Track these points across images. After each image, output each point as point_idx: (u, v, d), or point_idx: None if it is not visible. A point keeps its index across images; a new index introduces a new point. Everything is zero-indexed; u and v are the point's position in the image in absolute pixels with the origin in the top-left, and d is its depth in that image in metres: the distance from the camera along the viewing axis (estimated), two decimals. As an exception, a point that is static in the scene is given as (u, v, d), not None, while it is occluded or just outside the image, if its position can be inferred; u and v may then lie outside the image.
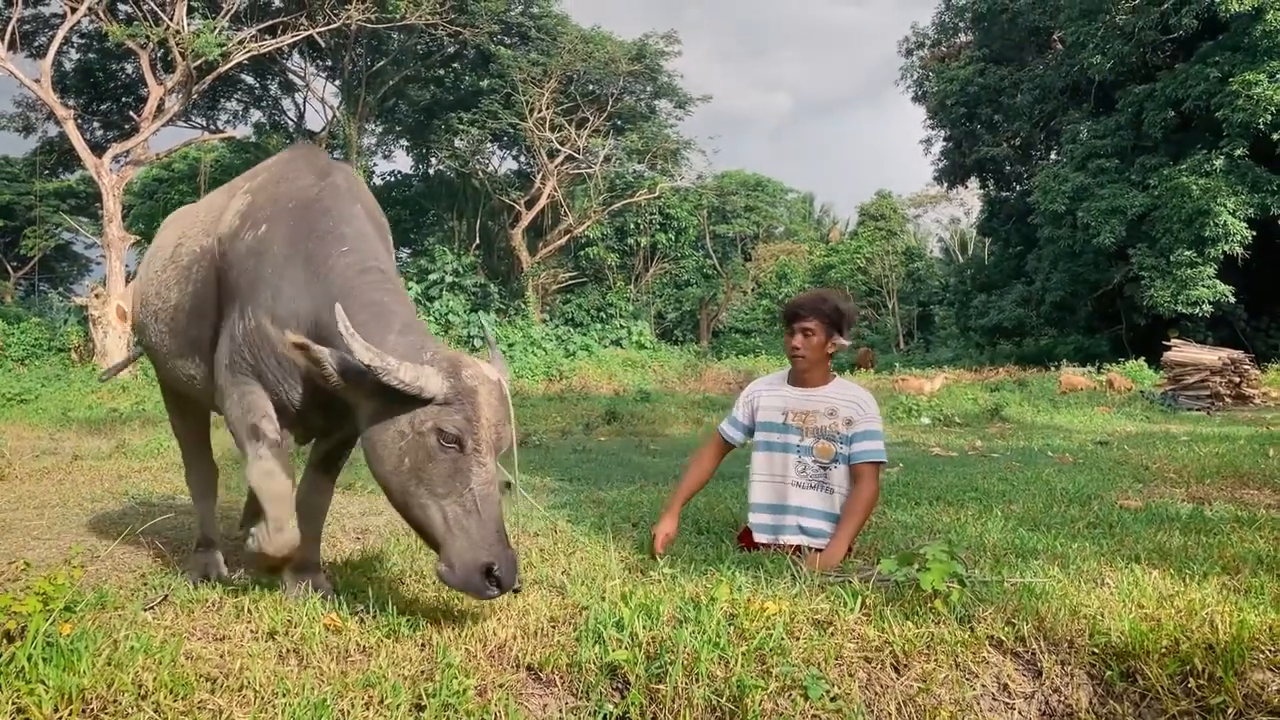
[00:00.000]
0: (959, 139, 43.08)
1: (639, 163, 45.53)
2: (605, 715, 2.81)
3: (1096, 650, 3.41)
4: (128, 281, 27.57)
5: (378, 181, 48.25)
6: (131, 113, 35.39)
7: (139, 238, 29.31)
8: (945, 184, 46.65)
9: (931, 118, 43.92)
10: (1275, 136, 27.16)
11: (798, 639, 3.37)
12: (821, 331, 4.84)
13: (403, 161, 60.18)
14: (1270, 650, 3.33)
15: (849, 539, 4.63)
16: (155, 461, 9.85)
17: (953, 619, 3.53)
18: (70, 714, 2.53)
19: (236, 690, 2.75)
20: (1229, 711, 3.18)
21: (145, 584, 4.38)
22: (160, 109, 29.35)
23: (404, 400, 3.26)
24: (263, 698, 2.71)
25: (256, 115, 44.24)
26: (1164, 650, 3.34)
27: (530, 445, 12.80)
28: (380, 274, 3.77)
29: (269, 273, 3.79)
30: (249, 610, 3.63)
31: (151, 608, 3.80)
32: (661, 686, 2.94)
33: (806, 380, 4.89)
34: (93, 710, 2.56)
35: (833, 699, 3.06)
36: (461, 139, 43.23)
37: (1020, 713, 3.30)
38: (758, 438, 4.96)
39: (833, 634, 3.40)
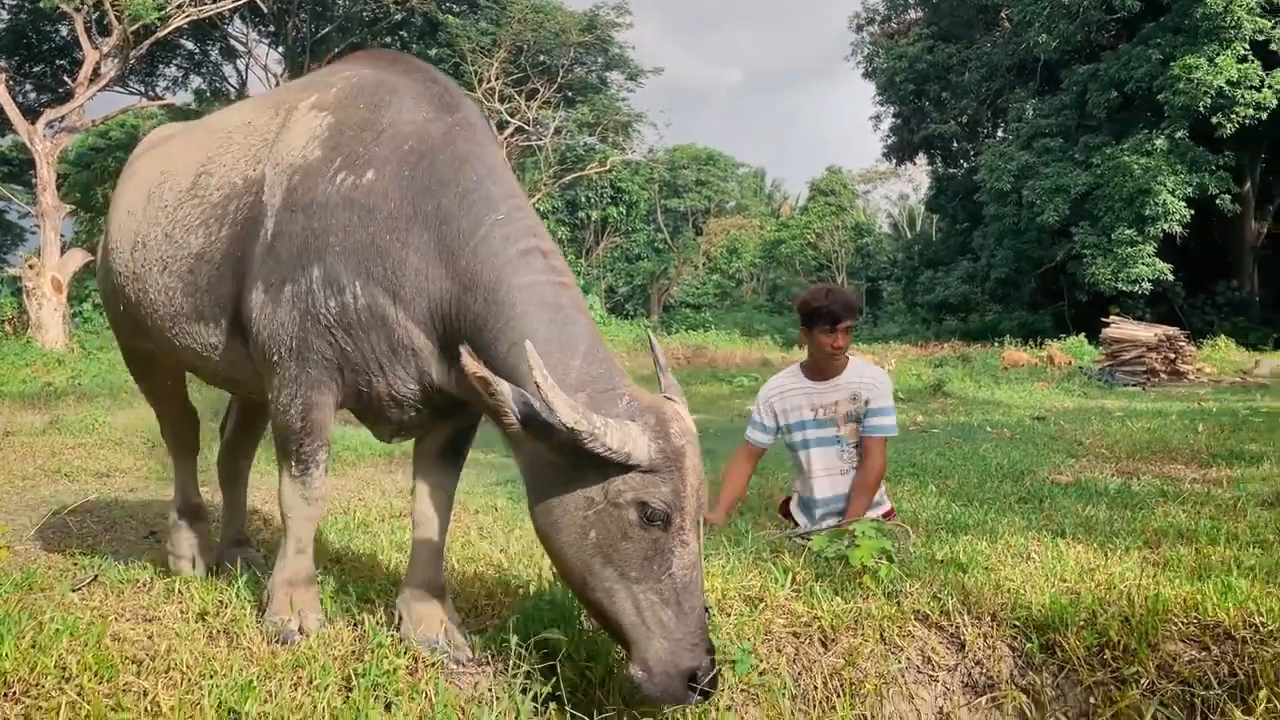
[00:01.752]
0: (908, 116, 43.47)
1: (590, 135, 45.29)
2: (535, 695, 2.84)
3: (1018, 623, 3.51)
4: (63, 251, 26.88)
5: (324, 151, 47.46)
6: (66, 77, 34.33)
7: (74, 207, 28.50)
8: (894, 160, 47.10)
9: (881, 94, 44.25)
10: (1214, 119, 27.74)
11: (729, 615, 3.42)
12: (853, 328, 5.10)
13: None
14: (1183, 622, 3.46)
15: (865, 503, 4.89)
16: (90, 438, 9.66)
17: (881, 594, 3.61)
18: (-11, 699, 2.50)
19: (163, 672, 2.73)
20: (1142, 682, 3.30)
21: (75, 564, 4.31)
22: (96, 74, 28.48)
23: (600, 462, 2.60)
24: (189, 679, 2.70)
25: (197, 82, 43.14)
26: (1082, 623, 3.44)
27: (477, 420, 12.76)
28: (543, 257, 2.96)
29: (385, 237, 2.96)
30: (180, 591, 3.59)
31: (80, 588, 3.75)
32: (593, 665, 2.97)
33: (830, 372, 5.02)
34: (15, 694, 2.53)
35: (760, 673, 3.12)
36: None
37: (944, 684, 3.40)
38: (798, 437, 5.09)
39: (763, 609, 3.46)
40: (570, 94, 44.10)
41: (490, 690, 2.93)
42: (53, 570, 4.13)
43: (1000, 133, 40.54)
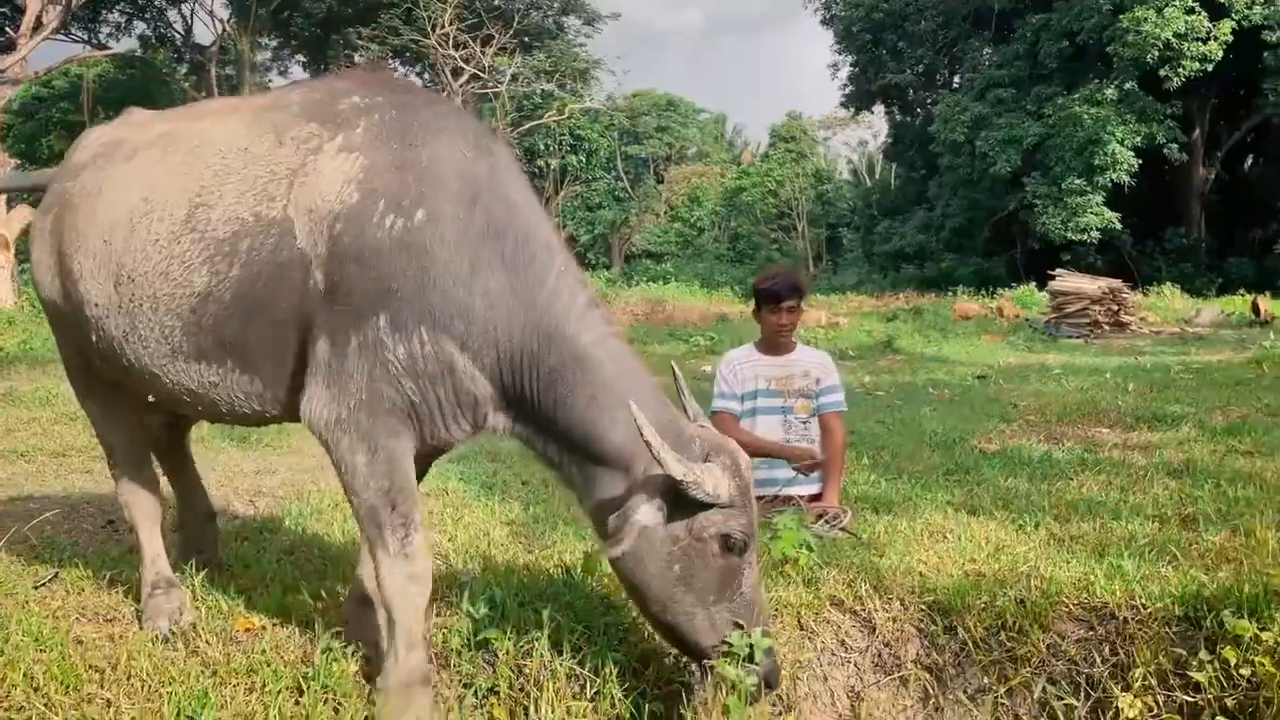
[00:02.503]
0: (865, 65, 43.49)
1: (547, 82, 44.75)
2: (476, 689, 3.08)
3: (925, 606, 3.81)
4: (9, 208, 26.33)
5: (275, 99, 46.52)
6: (7, 27, 33.29)
7: (19, 160, 27.88)
8: (852, 109, 47.12)
9: (839, 42, 44.16)
10: (1162, 72, 28.12)
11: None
12: (799, 307, 5.38)
13: (299, 77, 58.16)
14: (1073, 603, 3.77)
15: (839, 482, 5.30)
16: (44, 412, 9.66)
17: (800, 582, 3.88)
18: (-39, 711, 2.69)
19: (124, 680, 2.94)
20: (1033, 660, 3.63)
21: (36, 557, 4.45)
22: (39, 24, 27.70)
23: (686, 503, 2.86)
24: (149, 687, 2.91)
25: (141, 28, 42.00)
26: (982, 605, 3.75)
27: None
28: (598, 308, 3.11)
29: (447, 281, 2.93)
30: (138, 588, 3.77)
31: (42, 585, 3.91)
32: (528, 662, 3.22)
33: (781, 349, 5.36)
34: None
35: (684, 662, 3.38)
36: (361, 55, 41.77)
37: (856, 666, 3.70)
38: (748, 406, 5.43)
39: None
40: (527, 40, 43.48)
41: (435, 687, 3.17)
42: (14, 565, 4.26)
43: (957, 80, 40.73)
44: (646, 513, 2.84)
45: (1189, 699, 3.40)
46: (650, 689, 3.31)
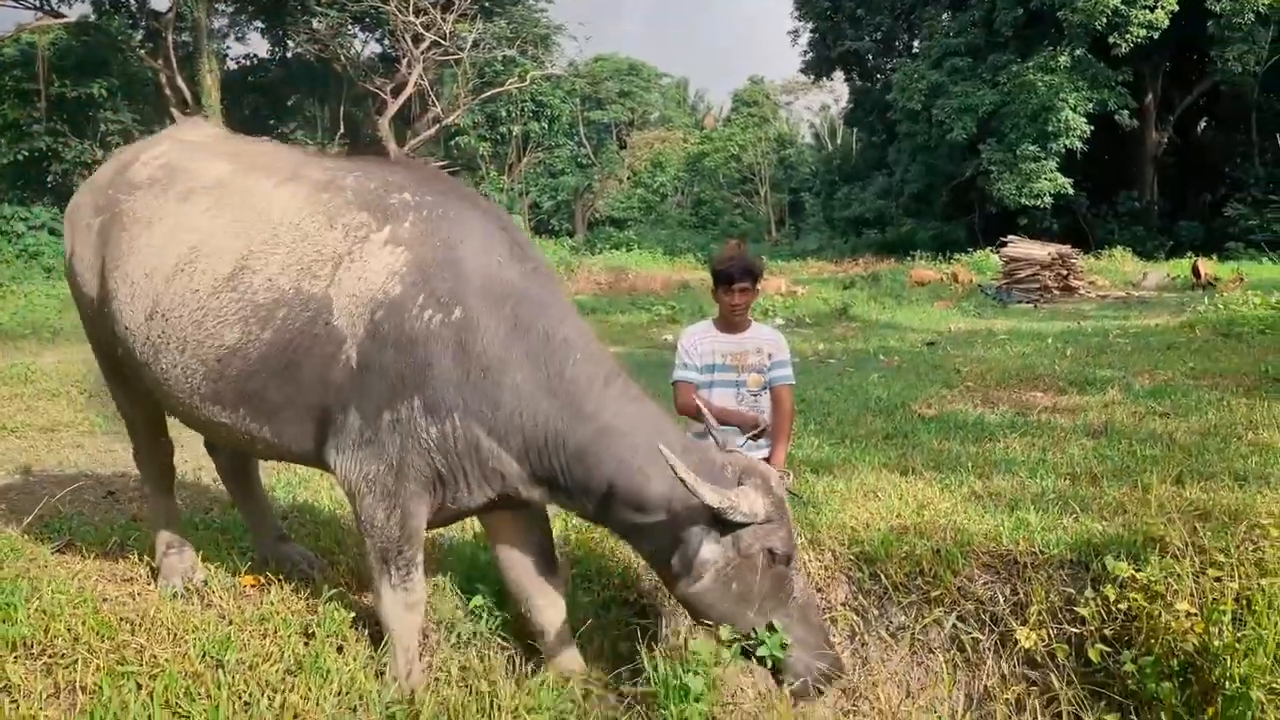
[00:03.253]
0: (824, 31, 43.68)
1: (509, 49, 44.57)
2: (460, 634, 3.55)
3: (853, 557, 4.32)
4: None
5: (231, 66, 45.91)
6: (-47, -6, 32.68)
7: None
8: (812, 76, 47.38)
9: (799, 9, 44.29)
10: (1111, 39, 28.73)
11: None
12: (752, 289, 5.72)
13: (258, 45, 57.37)
14: (982, 552, 4.31)
15: (785, 447, 5.58)
16: (26, 388, 9.93)
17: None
18: (15, 660, 3.10)
19: (152, 629, 3.37)
20: (945, 601, 4.16)
21: (46, 527, 4.83)
22: (-13, -8, 27.27)
23: (730, 526, 3.19)
24: (175, 635, 3.34)
25: (95, -8, 41.22)
26: (902, 555, 4.27)
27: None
28: (619, 377, 3.45)
29: (478, 373, 3.26)
30: (151, 554, 4.19)
31: (58, 550, 4.31)
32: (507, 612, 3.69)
33: (736, 327, 5.79)
34: (34, 653, 3.14)
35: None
36: (320, 21, 41.31)
37: (792, 609, 4.20)
38: (705, 378, 5.84)
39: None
40: (487, 6, 43.25)
41: (428, 637, 3.64)
42: (28, 535, 4.65)
43: (915, 46, 41.12)
44: (710, 550, 3.21)
45: (1076, 631, 3.94)
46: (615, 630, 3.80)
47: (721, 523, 3.17)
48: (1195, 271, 22.11)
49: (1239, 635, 3.49)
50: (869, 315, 18.00)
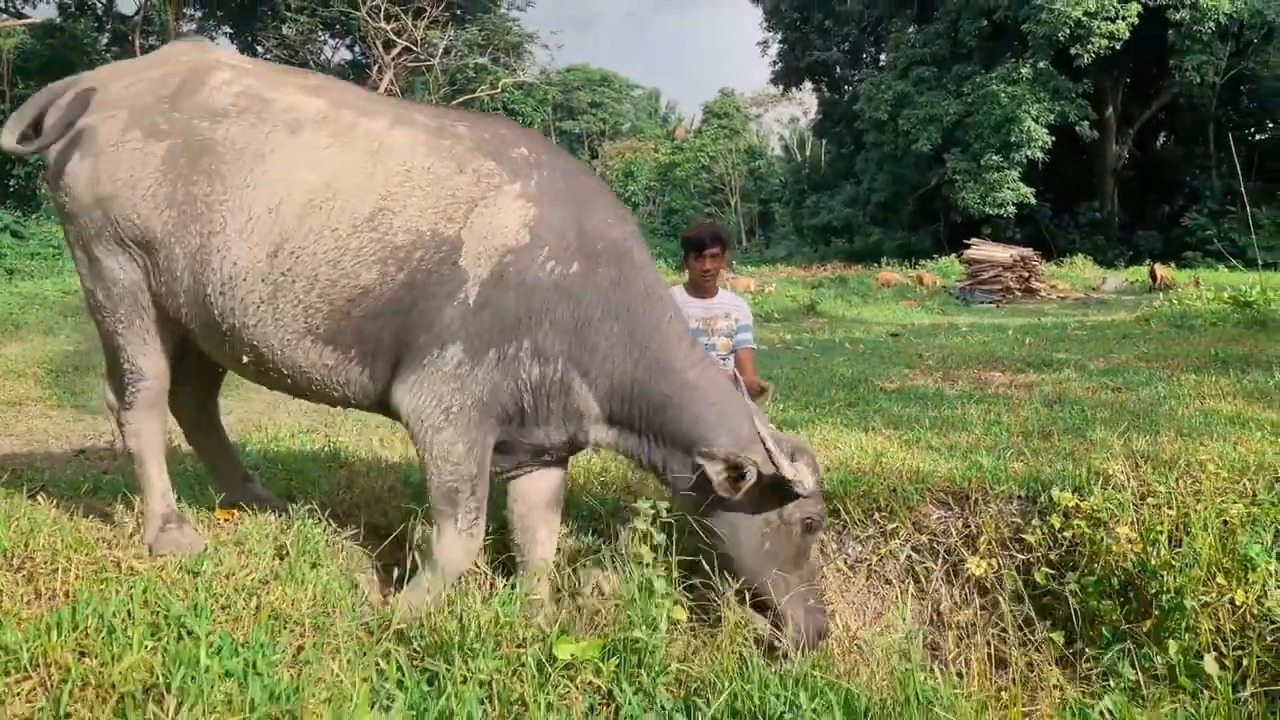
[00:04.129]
0: (793, 42, 44.30)
1: (481, 56, 44.71)
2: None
3: (813, 496, 4.47)
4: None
5: (202, 72, 45.65)
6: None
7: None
8: (781, 86, 47.95)
9: (768, 20, 44.86)
10: (1073, 50, 29.37)
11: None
12: (722, 255, 6.00)
13: (227, 49, 57.21)
14: (936, 489, 4.48)
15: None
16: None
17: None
18: (-5, 570, 3.17)
19: (129, 546, 3.45)
20: (900, 534, 4.32)
21: (20, 477, 4.87)
22: (-49, -9, 27.02)
23: (780, 495, 3.48)
24: (154, 552, 3.42)
25: (61, -5, 40.90)
26: (860, 494, 4.43)
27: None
28: (697, 345, 3.76)
29: (584, 322, 3.52)
30: (125, 494, 4.26)
31: (35, 494, 4.36)
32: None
33: (708, 293, 5.98)
34: (13, 564, 3.21)
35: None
36: (290, 26, 41.29)
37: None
38: None
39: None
40: (459, 13, 43.38)
41: (395, 561, 3.75)
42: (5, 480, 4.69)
43: (883, 58, 41.76)
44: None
45: (1023, 558, 4.12)
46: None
47: (771, 487, 3.44)
48: (1153, 275, 22.62)
49: (1175, 553, 3.67)
50: (836, 311, 18.27)
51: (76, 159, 3.52)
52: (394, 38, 40.17)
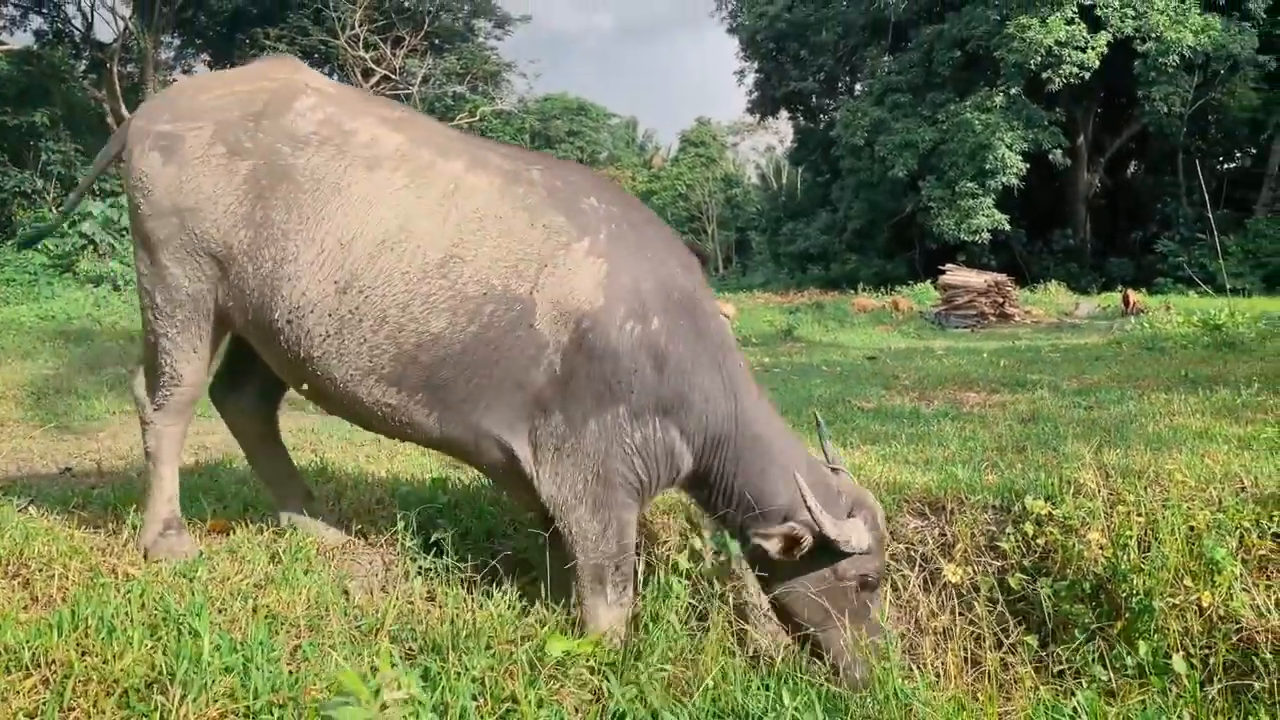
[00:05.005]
0: (769, 72, 44.90)
1: (459, 84, 45.04)
2: (424, 570, 3.73)
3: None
4: None
5: (180, 98, 45.68)
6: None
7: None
8: (758, 116, 48.53)
9: (744, 50, 45.47)
10: (1044, 76, 29.98)
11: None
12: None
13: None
14: (914, 500, 4.59)
15: None
16: None
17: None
18: (-9, 576, 3.22)
19: (123, 553, 3.50)
20: (879, 543, 4.42)
21: (5, 495, 4.89)
22: (-71, 17, 26.98)
23: (833, 552, 3.46)
24: (148, 559, 3.48)
25: (37, 22, 40.96)
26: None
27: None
28: (763, 391, 3.80)
29: (675, 378, 3.49)
30: (115, 507, 4.31)
31: (23, 509, 4.39)
32: (472, 551, 3.88)
33: None
34: (10, 571, 3.26)
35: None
36: (268, 55, 41.45)
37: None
38: None
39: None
40: (438, 42, 43.75)
41: (384, 568, 3.81)
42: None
43: (858, 87, 42.40)
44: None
45: (998, 564, 4.23)
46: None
47: (829, 549, 3.43)
48: (1125, 300, 22.95)
49: (1145, 558, 3.80)
50: (813, 336, 18.46)
51: (159, 164, 3.53)
52: (373, 66, 40.40)
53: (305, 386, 3.60)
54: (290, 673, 2.54)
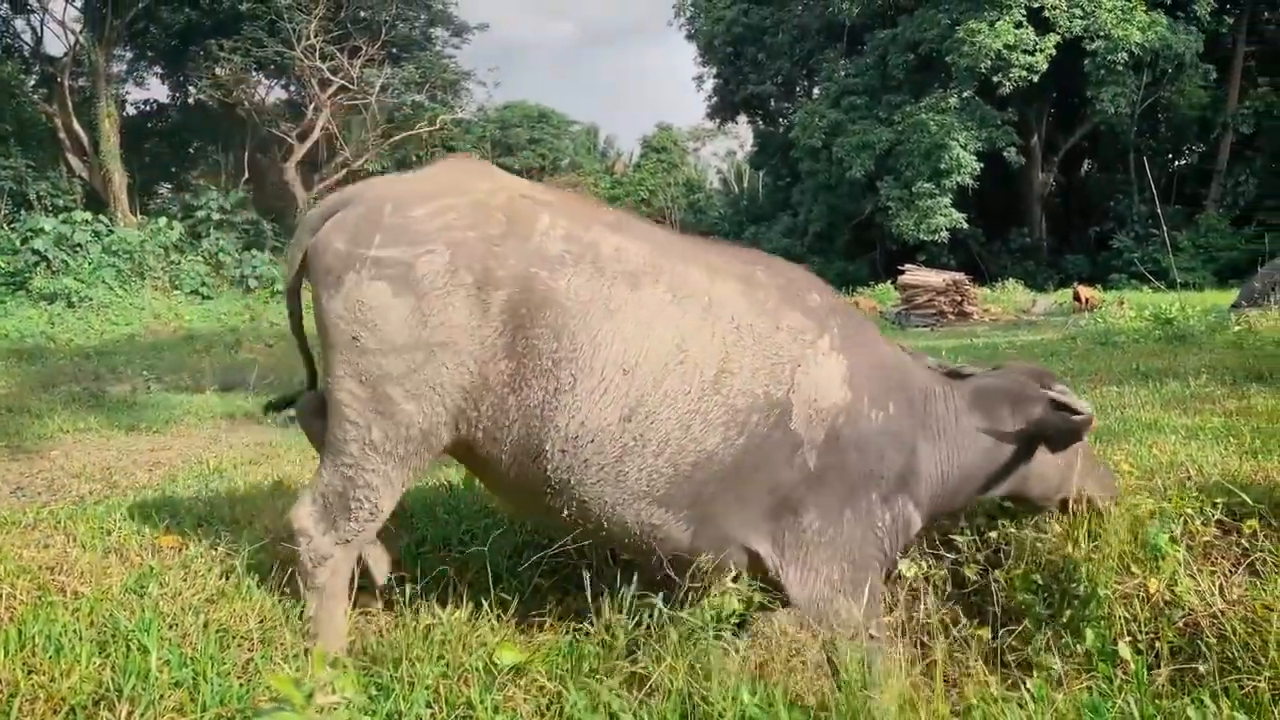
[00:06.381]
0: (728, 76, 45.19)
1: (418, 93, 44.93)
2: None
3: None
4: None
5: (130, 110, 45.14)
6: None
7: None
8: (718, 120, 48.80)
9: (702, 55, 45.73)
10: (995, 79, 30.42)
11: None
12: None
13: (158, 90, 56.34)
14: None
15: None
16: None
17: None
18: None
19: (72, 572, 3.46)
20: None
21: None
22: None
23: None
24: (96, 575, 3.44)
25: (-13, 38, 40.30)
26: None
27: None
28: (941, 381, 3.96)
29: (908, 455, 3.63)
30: (65, 525, 4.25)
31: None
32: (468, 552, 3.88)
33: None
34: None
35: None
36: (223, 67, 41.05)
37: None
38: None
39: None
40: (395, 51, 43.61)
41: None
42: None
43: (816, 91, 42.76)
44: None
45: (952, 558, 4.29)
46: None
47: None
48: (1076, 296, 23.36)
49: (1094, 546, 3.88)
50: (775, 339, 18.54)
51: (388, 295, 3.17)
52: (330, 76, 40.21)
53: (557, 509, 3.44)
54: (241, 686, 2.53)
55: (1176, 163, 39.47)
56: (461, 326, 3.20)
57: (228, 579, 3.48)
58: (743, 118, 48.23)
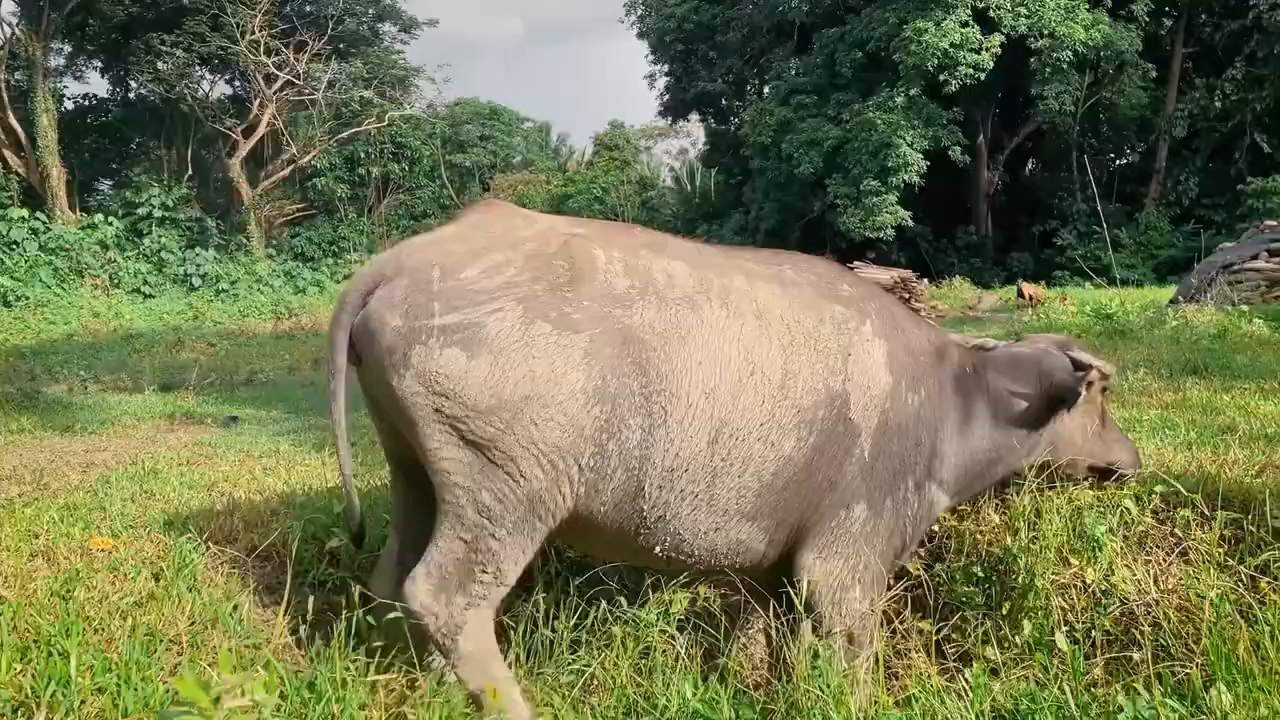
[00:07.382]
0: (679, 74, 45.20)
1: (366, 90, 44.33)
2: (320, 581, 3.65)
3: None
4: None
5: (69, 105, 44.04)
6: None
7: None
8: (669, 118, 48.85)
9: (653, 53, 45.71)
10: (942, 78, 30.80)
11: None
12: None
13: (98, 84, 54.97)
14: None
15: None
16: None
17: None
18: None
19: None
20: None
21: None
22: None
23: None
24: (20, 579, 3.33)
25: (-79, 30, 39.05)
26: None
27: (257, 383, 13.02)
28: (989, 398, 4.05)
29: (941, 440, 3.72)
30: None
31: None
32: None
33: None
34: None
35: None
36: (165, 61, 40.17)
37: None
38: None
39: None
40: (342, 46, 43.00)
41: (281, 580, 3.72)
42: None
43: (766, 89, 42.99)
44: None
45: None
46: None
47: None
48: (1020, 293, 23.71)
49: (1032, 538, 3.93)
50: (726, 336, 18.60)
51: (464, 360, 3.06)
52: (275, 71, 39.53)
53: (650, 547, 3.39)
54: (166, 691, 2.46)
55: (1118, 162, 40.26)
56: (545, 377, 3.12)
57: (158, 582, 3.40)
58: (695, 116, 48.33)
